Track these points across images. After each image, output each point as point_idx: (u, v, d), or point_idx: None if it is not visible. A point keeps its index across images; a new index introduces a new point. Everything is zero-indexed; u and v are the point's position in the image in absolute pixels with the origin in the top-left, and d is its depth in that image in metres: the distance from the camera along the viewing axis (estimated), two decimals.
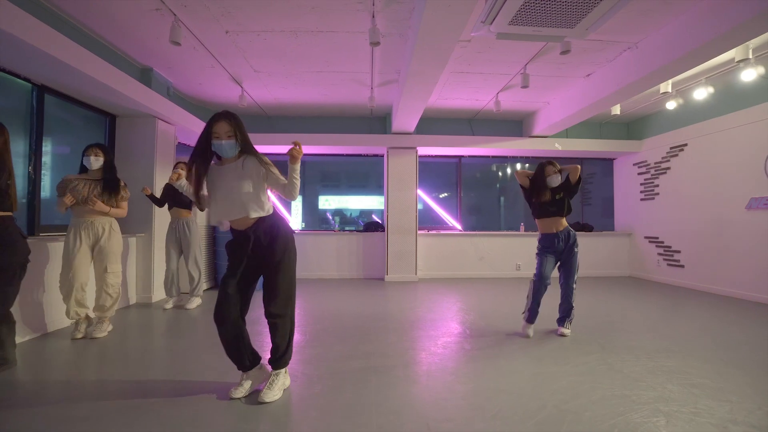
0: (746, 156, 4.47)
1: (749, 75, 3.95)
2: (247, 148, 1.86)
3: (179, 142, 4.97)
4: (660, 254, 5.72)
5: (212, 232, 5.18)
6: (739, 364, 2.37)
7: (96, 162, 2.84)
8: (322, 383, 2.09)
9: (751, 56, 3.55)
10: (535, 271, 3.06)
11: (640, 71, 3.71)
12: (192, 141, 5.35)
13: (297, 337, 2.97)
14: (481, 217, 7.24)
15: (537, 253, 3.10)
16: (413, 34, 3.16)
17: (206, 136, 1.82)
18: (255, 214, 1.83)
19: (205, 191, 1.89)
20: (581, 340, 2.88)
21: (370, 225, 6.34)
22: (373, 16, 3.15)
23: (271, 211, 1.92)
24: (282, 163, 1.80)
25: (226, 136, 1.80)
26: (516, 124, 6.36)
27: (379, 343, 2.80)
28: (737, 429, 1.63)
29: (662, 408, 1.81)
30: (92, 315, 2.93)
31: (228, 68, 4.27)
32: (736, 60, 3.58)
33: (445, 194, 6.90)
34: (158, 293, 4.19)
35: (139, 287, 4.14)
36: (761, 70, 3.91)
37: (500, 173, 7.87)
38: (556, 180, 3.02)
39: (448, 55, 3.15)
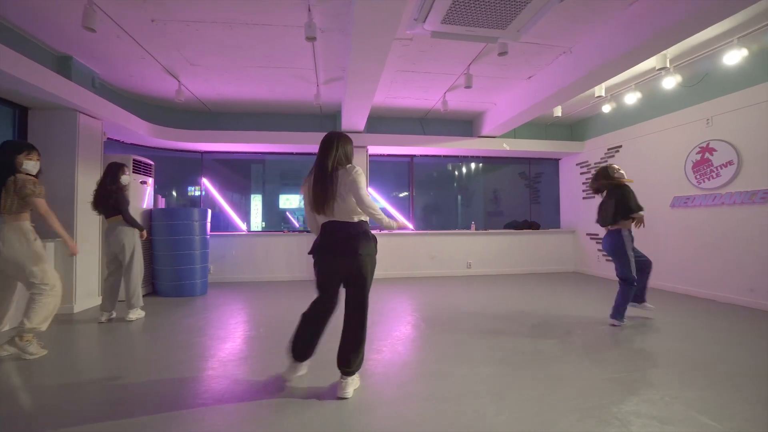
0: (670, 158, 4.81)
1: (669, 83, 4.25)
2: None
3: (108, 138, 4.59)
4: (599, 250, 6.04)
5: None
6: (649, 355, 2.53)
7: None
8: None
9: (668, 65, 3.81)
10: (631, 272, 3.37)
11: (575, 74, 3.87)
12: (123, 137, 4.95)
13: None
14: (439, 216, 7.32)
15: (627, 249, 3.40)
16: (352, 31, 3.09)
17: None
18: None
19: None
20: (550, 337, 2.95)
21: None
22: (309, 10, 3.04)
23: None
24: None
25: None
26: (466, 124, 6.48)
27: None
28: (640, 421, 1.71)
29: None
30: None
31: (160, 60, 3.99)
32: (657, 68, 3.83)
33: (405, 193, 6.90)
34: (80, 303, 3.84)
35: None
36: (679, 78, 4.22)
37: (456, 172, 7.99)
38: None
39: (386, 52, 3.12)
